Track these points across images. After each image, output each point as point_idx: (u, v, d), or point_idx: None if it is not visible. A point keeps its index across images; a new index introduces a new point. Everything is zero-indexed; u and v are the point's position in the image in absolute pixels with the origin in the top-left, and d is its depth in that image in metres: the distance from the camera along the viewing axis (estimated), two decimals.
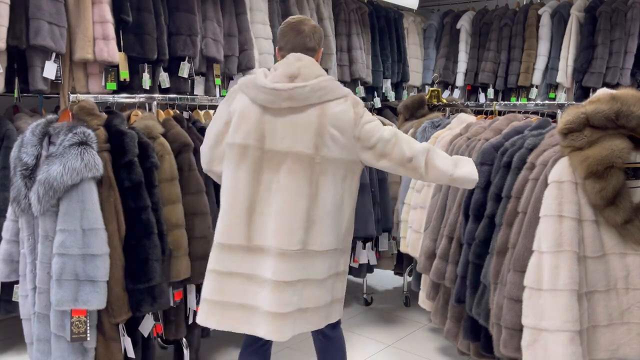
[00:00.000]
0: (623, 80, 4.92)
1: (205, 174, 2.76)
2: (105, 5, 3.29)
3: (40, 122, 2.42)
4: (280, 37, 2.23)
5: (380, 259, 3.98)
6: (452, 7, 6.35)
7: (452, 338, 2.83)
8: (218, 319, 2.16)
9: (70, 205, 2.24)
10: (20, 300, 2.50)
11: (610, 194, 1.87)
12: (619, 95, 1.93)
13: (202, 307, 2.18)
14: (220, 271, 2.17)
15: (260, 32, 4.29)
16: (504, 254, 2.24)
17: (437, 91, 4.04)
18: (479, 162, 2.59)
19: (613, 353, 1.99)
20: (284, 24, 2.24)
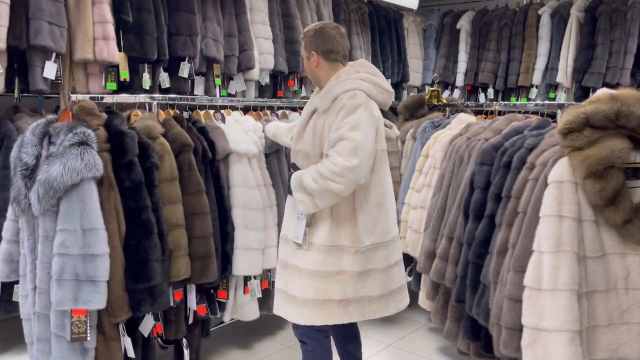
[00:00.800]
0: (623, 80, 4.92)
1: (205, 174, 2.78)
2: (105, 5, 3.29)
3: (40, 122, 2.42)
4: (330, 40, 2.34)
5: None
6: (452, 7, 6.35)
7: (452, 338, 2.83)
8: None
9: (70, 205, 2.24)
10: (20, 300, 2.50)
11: (610, 194, 1.87)
12: (619, 95, 1.93)
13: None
14: (380, 268, 2.41)
15: (260, 32, 4.29)
16: (504, 254, 2.24)
17: (437, 91, 4.04)
18: (479, 162, 2.59)
19: (613, 353, 1.99)
20: (328, 27, 2.37)
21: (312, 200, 2.27)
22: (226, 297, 2.99)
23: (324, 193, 2.23)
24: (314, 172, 2.26)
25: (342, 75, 2.32)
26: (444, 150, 3.10)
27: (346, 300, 2.34)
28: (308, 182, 2.25)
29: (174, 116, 2.84)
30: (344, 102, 2.25)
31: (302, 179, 2.28)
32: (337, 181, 2.19)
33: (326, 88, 2.34)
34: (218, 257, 2.78)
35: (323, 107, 2.31)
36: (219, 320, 3.19)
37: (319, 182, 2.22)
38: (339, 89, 2.28)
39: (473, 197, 2.58)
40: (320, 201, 2.26)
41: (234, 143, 2.94)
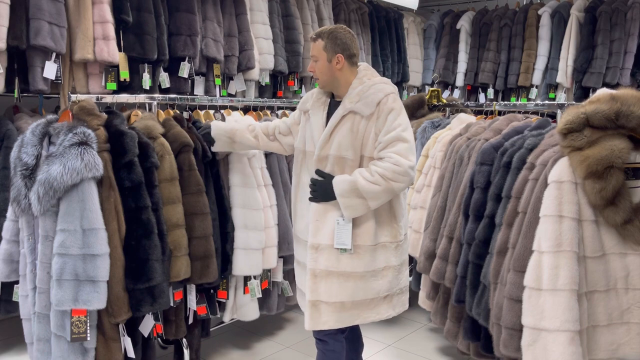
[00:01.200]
0: (623, 80, 4.93)
1: (205, 174, 2.78)
2: (106, 5, 3.29)
3: (40, 122, 2.42)
4: (352, 44, 2.37)
5: None
6: (452, 7, 6.35)
7: (452, 338, 2.83)
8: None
9: (70, 205, 2.24)
10: (20, 300, 2.50)
11: (610, 194, 1.87)
12: (619, 95, 1.93)
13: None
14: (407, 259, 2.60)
15: (260, 32, 4.30)
16: (504, 254, 2.24)
17: (437, 91, 4.05)
18: (479, 162, 2.59)
19: (613, 353, 1.99)
20: (344, 30, 2.39)
21: (365, 203, 2.25)
22: (226, 297, 2.99)
23: (383, 194, 2.24)
24: (370, 175, 2.23)
25: (367, 80, 2.36)
26: (444, 150, 3.10)
27: (390, 294, 2.43)
28: (365, 185, 2.22)
29: (174, 116, 2.84)
30: (390, 105, 2.29)
31: (356, 183, 2.23)
32: (401, 180, 2.23)
33: (358, 93, 2.33)
34: (218, 257, 2.78)
35: (366, 111, 2.29)
36: (219, 320, 3.19)
37: (381, 184, 2.22)
38: (380, 94, 2.31)
39: (473, 197, 2.58)
40: (375, 202, 2.26)
41: None
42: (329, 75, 2.37)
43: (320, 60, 2.36)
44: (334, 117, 2.35)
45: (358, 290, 2.35)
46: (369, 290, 2.37)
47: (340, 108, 2.34)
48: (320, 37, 2.36)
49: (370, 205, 2.27)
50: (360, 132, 2.31)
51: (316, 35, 2.38)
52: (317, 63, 2.37)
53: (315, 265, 2.35)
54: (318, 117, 2.41)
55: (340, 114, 2.33)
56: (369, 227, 2.34)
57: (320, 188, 2.33)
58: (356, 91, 2.34)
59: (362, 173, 2.26)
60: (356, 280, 2.35)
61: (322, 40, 2.34)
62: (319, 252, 2.35)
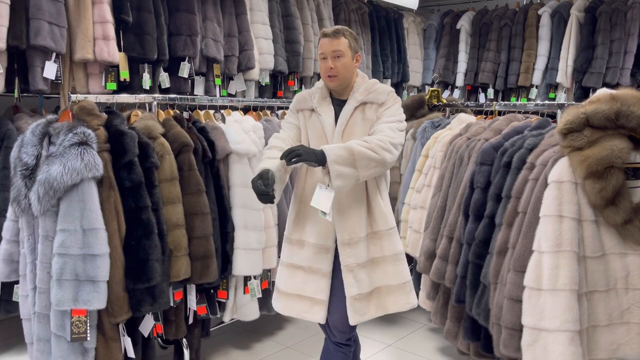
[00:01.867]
0: (623, 80, 4.93)
1: (205, 174, 2.78)
2: (106, 5, 3.29)
3: (40, 122, 2.42)
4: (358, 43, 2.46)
5: None
6: (452, 7, 6.35)
7: (452, 338, 2.83)
8: None
9: (70, 205, 2.24)
10: (20, 300, 2.50)
11: (610, 194, 1.87)
12: (619, 95, 1.93)
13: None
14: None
15: (260, 32, 4.30)
16: (504, 254, 2.24)
17: (437, 91, 4.04)
18: (479, 162, 2.59)
19: (613, 353, 1.99)
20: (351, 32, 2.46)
21: (356, 174, 2.22)
22: (226, 297, 2.99)
23: (375, 164, 2.24)
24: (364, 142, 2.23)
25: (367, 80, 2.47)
26: (444, 150, 3.10)
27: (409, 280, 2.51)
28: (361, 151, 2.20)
29: (174, 116, 2.84)
30: (394, 97, 2.43)
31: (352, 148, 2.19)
32: (392, 152, 2.27)
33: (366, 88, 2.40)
34: (218, 257, 2.78)
35: (380, 99, 2.38)
36: (219, 320, 3.19)
37: (377, 151, 2.22)
38: (387, 88, 2.43)
39: (473, 197, 2.58)
40: (365, 173, 2.25)
41: (234, 143, 2.94)
42: (350, 73, 2.39)
43: (346, 57, 2.36)
44: (346, 109, 2.38)
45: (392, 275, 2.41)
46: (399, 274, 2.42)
47: (352, 101, 2.38)
48: (343, 35, 2.36)
49: (360, 176, 2.24)
50: (370, 118, 2.37)
51: (338, 33, 2.36)
52: (340, 59, 2.34)
53: (355, 259, 2.34)
54: (329, 114, 2.40)
55: (353, 105, 2.37)
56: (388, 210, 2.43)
57: (304, 149, 2.19)
58: (363, 87, 2.41)
59: (356, 141, 2.25)
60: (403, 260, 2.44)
61: (346, 38, 2.36)
62: (352, 246, 2.34)
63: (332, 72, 2.34)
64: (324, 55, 2.37)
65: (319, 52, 2.41)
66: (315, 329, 3.51)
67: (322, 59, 2.39)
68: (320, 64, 2.41)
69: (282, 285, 2.47)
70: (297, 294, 2.42)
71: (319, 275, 2.37)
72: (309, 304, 2.39)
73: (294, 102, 2.54)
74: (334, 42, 2.35)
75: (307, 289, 2.39)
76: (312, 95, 2.48)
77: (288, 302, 2.45)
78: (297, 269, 2.43)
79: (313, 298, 2.38)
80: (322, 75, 2.41)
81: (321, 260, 2.37)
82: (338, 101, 2.44)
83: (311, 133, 2.44)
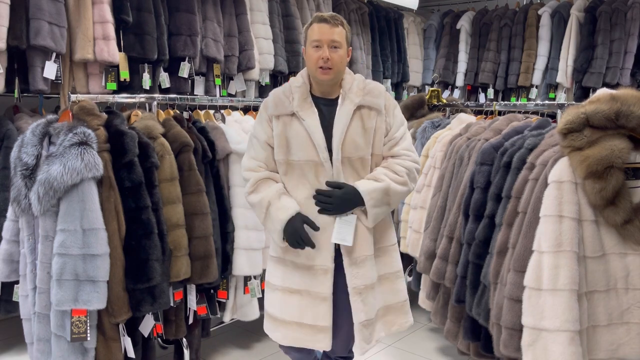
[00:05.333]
0: (623, 80, 4.93)
1: (205, 174, 2.78)
2: (106, 5, 3.29)
3: (40, 122, 2.42)
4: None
5: None
6: (452, 7, 6.35)
7: (452, 338, 2.83)
8: None
9: (70, 205, 2.24)
10: (20, 300, 2.50)
11: (610, 194, 1.87)
12: (619, 95, 1.93)
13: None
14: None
15: (260, 32, 4.30)
16: (504, 254, 2.24)
17: (437, 91, 4.04)
18: (479, 162, 2.59)
19: (613, 353, 1.99)
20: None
21: (388, 209, 2.14)
22: (226, 297, 2.99)
23: (405, 195, 2.16)
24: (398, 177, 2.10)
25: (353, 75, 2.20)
26: (444, 150, 3.10)
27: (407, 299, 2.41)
28: (396, 189, 2.08)
29: (174, 116, 2.84)
30: (391, 99, 2.19)
31: (389, 189, 2.07)
32: (417, 179, 2.20)
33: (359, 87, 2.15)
34: (218, 257, 2.78)
35: (379, 104, 2.13)
36: (219, 320, 3.19)
37: (407, 185, 2.11)
38: (379, 86, 2.17)
39: (473, 197, 2.58)
40: (395, 205, 2.16)
41: (234, 143, 2.94)
42: (344, 67, 2.13)
43: (342, 49, 2.08)
44: (343, 113, 2.09)
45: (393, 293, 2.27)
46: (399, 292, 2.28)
47: (348, 103, 2.10)
48: (342, 24, 2.09)
49: (390, 210, 2.15)
50: (372, 128, 2.12)
51: (337, 20, 2.08)
52: (337, 51, 2.06)
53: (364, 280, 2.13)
54: (313, 118, 2.09)
55: (350, 109, 2.09)
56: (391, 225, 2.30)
57: (340, 200, 2.03)
58: (355, 85, 2.14)
59: (389, 175, 2.09)
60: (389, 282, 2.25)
61: (344, 28, 2.09)
62: (359, 265, 2.13)
63: (329, 63, 2.04)
64: (319, 43, 2.04)
65: (313, 38, 2.06)
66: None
67: (315, 47, 2.05)
68: (312, 52, 2.06)
69: (277, 312, 2.20)
70: (295, 321, 2.16)
71: (318, 299, 2.13)
72: (311, 332, 2.14)
73: (266, 106, 2.16)
74: (334, 31, 2.05)
75: (306, 316, 2.14)
76: (288, 95, 2.13)
77: (288, 331, 2.18)
78: (292, 293, 2.17)
79: (315, 325, 2.13)
80: (312, 65, 2.07)
81: (320, 283, 2.12)
82: (324, 101, 2.14)
83: (294, 142, 2.10)
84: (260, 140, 2.18)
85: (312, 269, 2.13)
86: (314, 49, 2.06)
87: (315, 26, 2.07)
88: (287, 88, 2.17)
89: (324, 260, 2.12)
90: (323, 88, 2.15)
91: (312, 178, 2.11)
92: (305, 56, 2.14)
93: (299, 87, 2.14)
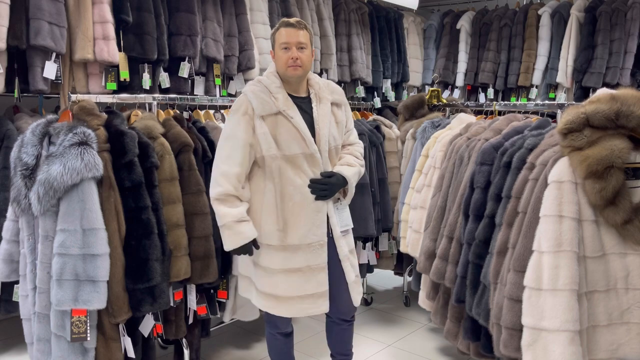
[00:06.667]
0: (623, 80, 4.92)
1: (205, 174, 2.77)
2: (105, 5, 3.29)
3: (40, 122, 2.42)
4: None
5: (380, 258, 3.99)
6: (452, 7, 6.35)
7: (452, 338, 2.83)
8: None
9: (70, 205, 2.24)
10: (20, 300, 2.50)
11: (610, 194, 1.87)
12: (619, 95, 1.93)
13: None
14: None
15: (260, 32, 4.30)
16: (504, 254, 2.24)
17: (437, 91, 4.04)
18: (479, 162, 2.59)
19: (613, 353, 1.99)
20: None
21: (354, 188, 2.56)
22: (226, 297, 2.99)
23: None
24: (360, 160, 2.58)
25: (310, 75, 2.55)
26: (444, 150, 3.10)
27: None
28: (361, 171, 2.58)
29: (174, 116, 2.84)
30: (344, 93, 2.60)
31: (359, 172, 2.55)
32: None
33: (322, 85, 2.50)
34: (218, 257, 2.78)
35: (343, 101, 2.56)
36: (219, 320, 3.19)
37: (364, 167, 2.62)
38: (336, 84, 2.56)
39: (473, 197, 2.58)
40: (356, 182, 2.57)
41: None
42: (310, 65, 2.41)
43: (308, 49, 2.37)
44: (325, 110, 2.44)
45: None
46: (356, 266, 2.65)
47: (325, 102, 2.46)
48: (305, 27, 2.37)
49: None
50: (342, 122, 2.53)
51: (301, 24, 2.36)
52: (304, 51, 2.35)
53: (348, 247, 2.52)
54: (298, 114, 2.35)
55: (329, 107, 2.47)
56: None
57: (333, 186, 2.41)
58: (322, 85, 2.49)
59: (357, 161, 2.55)
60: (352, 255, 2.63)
61: (307, 31, 2.38)
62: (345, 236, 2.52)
63: (298, 62, 2.32)
64: (288, 45, 2.32)
65: (281, 41, 2.33)
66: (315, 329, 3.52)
67: (284, 49, 2.32)
68: (281, 54, 2.33)
69: (280, 291, 2.41)
70: (298, 295, 2.41)
71: (317, 270, 2.42)
72: (312, 300, 2.42)
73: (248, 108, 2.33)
74: (299, 33, 2.33)
75: (309, 288, 2.41)
76: (269, 95, 2.34)
77: (291, 305, 2.42)
78: (294, 272, 2.41)
79: (315, 293, 2.42)
80: (282, 65, 2.33)
81: (318, 256, 2.42)
82: (299, 99, 2.42)
83: (283, 138, 2.33)
84: (239, 139, 2.34)
85: (311, 246, 2.41)
86: (282, 50, 2.34)
87: (282, 30, 2.35)
88: (263, 89, 2.38)
89: (321, 235, 2.42)
90: (292, 86, 2.42)
91: (305, 168, 2.38)
92: (274, 59, 2.41)
93: (279, 88, 2.38)
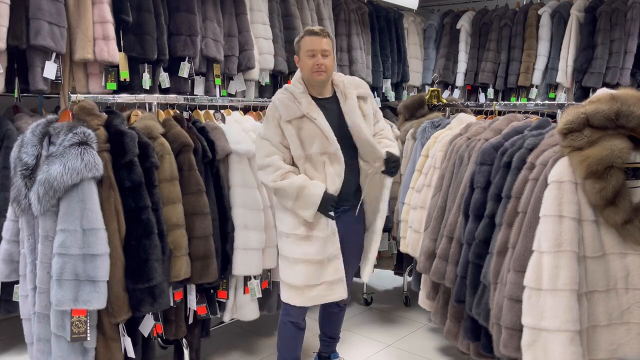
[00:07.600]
0: (623, 80, 4.93)
1: (205, 174, 2.78)
2: (106, 5, 3.29)
3: (40, 122, 2.42)
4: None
5: (380, 259, 3.98)
6: (452, 7, 6.35)
7: (452, 338, 2.83)
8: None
9: (70, 205, 2.24)
10: (20, 300, 2.50)
11: (610, 194, 1.87)
12: (619, 95, 1.93)
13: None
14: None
15: (260, 32, 4.30)
16: (504, 254, 2.24)
17: (437, 91, 4.04)
18: (479, 162, 2.59)
19: (613, 353, 1.99)
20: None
21: None
22: (226, 297, 2.99)
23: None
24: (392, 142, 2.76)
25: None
26: (444, 150, 3.10)
27: None
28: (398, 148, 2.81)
29: (174, 116, 2.84)
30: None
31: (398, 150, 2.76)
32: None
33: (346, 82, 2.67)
34: (218, 257, 2.78)
35: (367, 93, 2.73)
36: (219, 320, 3.19)
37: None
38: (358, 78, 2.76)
39: (473, 197, 2.58)
40: None
41: (234, 143, 2.94)
42: (332, 70, 2.61)
43: (331, 55, 2.56)
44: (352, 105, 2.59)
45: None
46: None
47: (351, 97, 2.61)
48: (328, 35, 2.58)
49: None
50: (370, 114, 2.69)
51: (325, 32, 2.57)
52: (328, 58, 2.55)
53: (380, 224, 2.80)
54: (322, 116, 2.54)
55: (355, 101, 2.61)
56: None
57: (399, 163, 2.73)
58: (346, 81, 2.66)
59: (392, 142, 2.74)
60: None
61: (330, 39, 2.57)
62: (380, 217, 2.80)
63: (322, 67, 2.52)
64: (313, 52, 2.52)
65: (306, 48, 2.53)
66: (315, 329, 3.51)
67: (310, 56, 2.52)
68: (307, 60, 2.54)
69: (298, 281, 2.58)
70: (316, 284, 2.58)
71: (333, 258, 2.58)
72: (329, 287, 2.58)
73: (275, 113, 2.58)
74: (323, 41, 2.54)
75: (327, 275, 2.58)
76: (294, 101, 2.55)
77: (311, 294, 2.59)
78: (312, 263, 2.57)
79: (333, 280, 2.58)
80: (307, 71, 2.54)
81: (332, 244, 2.57)
82: (322, 100, 2.60)
83: (308, 138, 2.54)
84: (273, 141, 2.57)
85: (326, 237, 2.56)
86: (308, 57, 2.53)
87: (307, 38, 2.55)
88: (289, 96, 2.58)
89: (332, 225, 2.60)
90: (318, 89, 2.60)
91: (327, 165, 2.57)
92: (299, 64, 2.60)
93: (302, 93, 2.57)
